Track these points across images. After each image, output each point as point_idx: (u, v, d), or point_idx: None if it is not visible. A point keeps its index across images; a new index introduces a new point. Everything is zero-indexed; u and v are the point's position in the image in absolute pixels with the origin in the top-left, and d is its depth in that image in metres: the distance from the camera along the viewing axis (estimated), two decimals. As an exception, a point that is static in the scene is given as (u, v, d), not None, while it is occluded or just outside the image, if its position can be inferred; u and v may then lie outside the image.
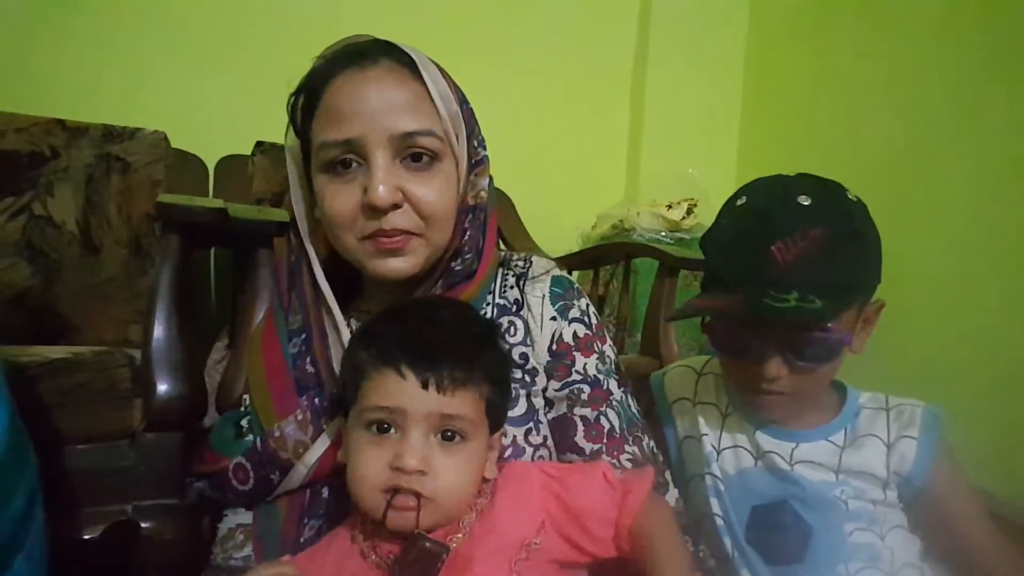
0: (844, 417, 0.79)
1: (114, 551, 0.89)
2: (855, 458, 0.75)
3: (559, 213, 2.20)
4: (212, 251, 1.68)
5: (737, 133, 2.48)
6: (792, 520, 0.73)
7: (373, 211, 0.66)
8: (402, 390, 0.58)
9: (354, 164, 0.68)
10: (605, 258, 1.77)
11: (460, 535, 0.60)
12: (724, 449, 0.80)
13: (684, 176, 2.31)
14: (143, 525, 0.88)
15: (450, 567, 0.58)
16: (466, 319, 0.66)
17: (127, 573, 0.90)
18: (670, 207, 2.14)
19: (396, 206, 0.67)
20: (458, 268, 0.72)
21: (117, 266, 1.44)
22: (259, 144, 1.64)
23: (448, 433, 0.60)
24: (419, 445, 0.58)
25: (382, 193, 0.65)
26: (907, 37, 1.84)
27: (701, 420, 0.83)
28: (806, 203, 0.70)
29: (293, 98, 0.73)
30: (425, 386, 0.58)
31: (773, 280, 0.68)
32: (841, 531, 0.73)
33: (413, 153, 0.68)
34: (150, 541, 0.88)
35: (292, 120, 0.73)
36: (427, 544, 0.57)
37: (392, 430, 0.59)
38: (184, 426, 0.90)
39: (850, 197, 0.74)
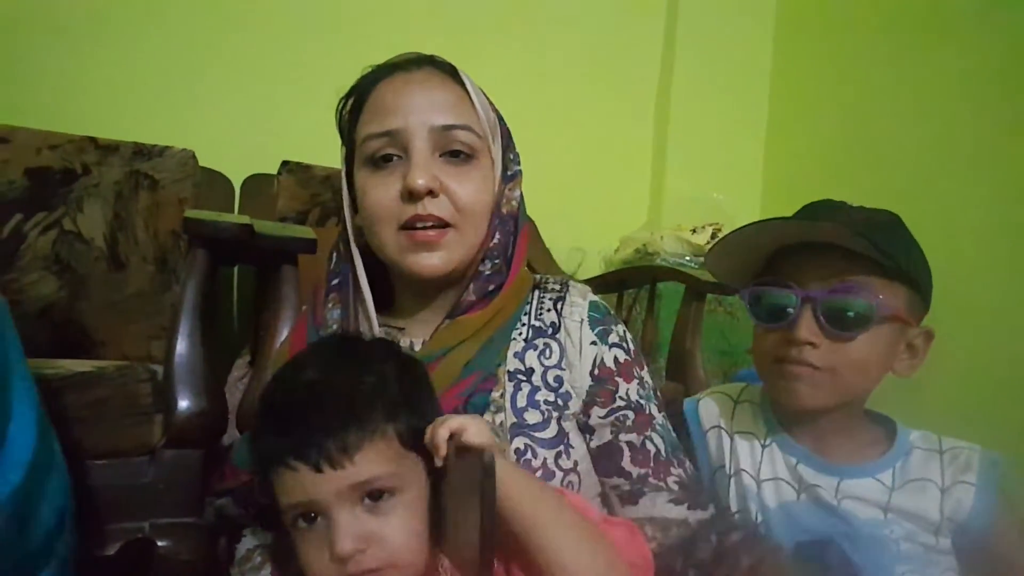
0: (894, 455, 0.75)
1: (130, 569, 0.87)
2: (906, 500, 0.72)
3: (582, 237, 2.18)
4: (235, 269, 1.69)
5: (763, 157, 2.46)
6: (839, 559, 0.70)
7: (411, 196, 0.68)
8: (301, 483, 0.54)
9: (395, 158, 0.70)
10: (629, 282, 1.75)
11: None
12: (764, 481, 0.77)
13: (709, 200, 2.29)
14: (160, 543, 0.86)
15: None
16: (347, 364, 0.60)
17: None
18: (694, 231, 2.12)
19: (432, 193, 0.68)
20: (487, 272, 0.73)
21: (142, 282, 1.45)
22: (285, 163, 1.66)
23: (374, 495, 0.55)
24: (348, 525, 0.54)
25: (419, 178, 0.67)
26: (935, 49, 1.81)
27: (739, 451, 0.80)
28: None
29: (341, 103, 0.76)
30: (319, 470, 0.53)
31: (829, 214, 0.74)
32: (891, 573, 0.70)
33: (452, 150, 0.71)
34: (166, 560, 0.86)
35: (339, 125, 0.76)
36: (466, 457, 0.52)
37: (317, 519, 0.55)
38: (204, 443, 0.89)
39: None
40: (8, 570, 0.65)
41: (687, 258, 2.05)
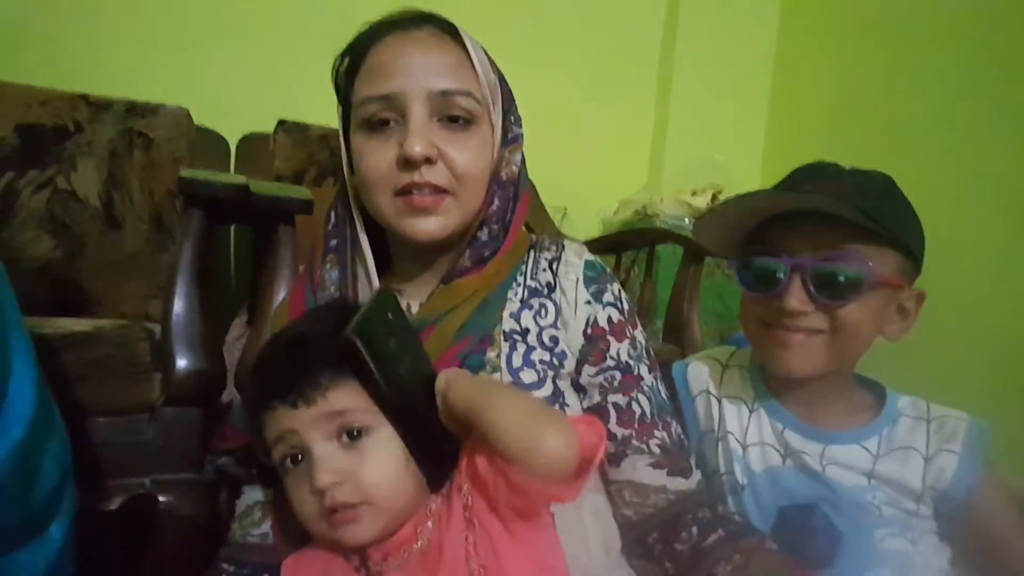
0: (881, 422, 0.76)
1: (132, 524, 0.89)
2: (890, 467, 0.73)
3: (580, 197, 2.17)
4: (232, 229, 1.68)
5: (765, 119, 2.43)
6: (822, 523, 0.71)
7: (407, 164, 0.67)
8: (280, 420, 0.59)
9: (392, 122, 0.69)
10: (628, 244, 1.75)
11: (418, 545, 0.59)
12: (750, 446, 0.78)
13: (710, 162, 2.27)
14: (161, 499, 0.88)
15: (426, 557, 0.57)
16: (319, 319, 0.65)
17: (145, 546, 0.90)
18: (694, 194, 2.11)
19: (430, 161, 0.67)
20: (484, 239, 0.73)
21: (139, 242, 1.45)
22: (281, 122, 1.64)
23: (350, 432, 0.58)
24: (325, 459, 0.57)
25: (416, 145, 0.66)
26: (944, 18, 1.78)
27: (727, 415, 0.81)
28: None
29: (337, 62, 0.74)
30: (295, 406, 0.58)
31: (818, 180, 0.73)
32: (872, 537, 0.71)
33: (451, 114, 0.69)
34: (168, 515, 0.88)
35: (335, 83, 0.74)
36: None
37: (300, 458, 0.59)
38: (203, 401, 0.90)
39: None
40: (15, 525, 0.66)
41: (686, 220, 2.04)
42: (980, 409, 0.76)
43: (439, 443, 0.61)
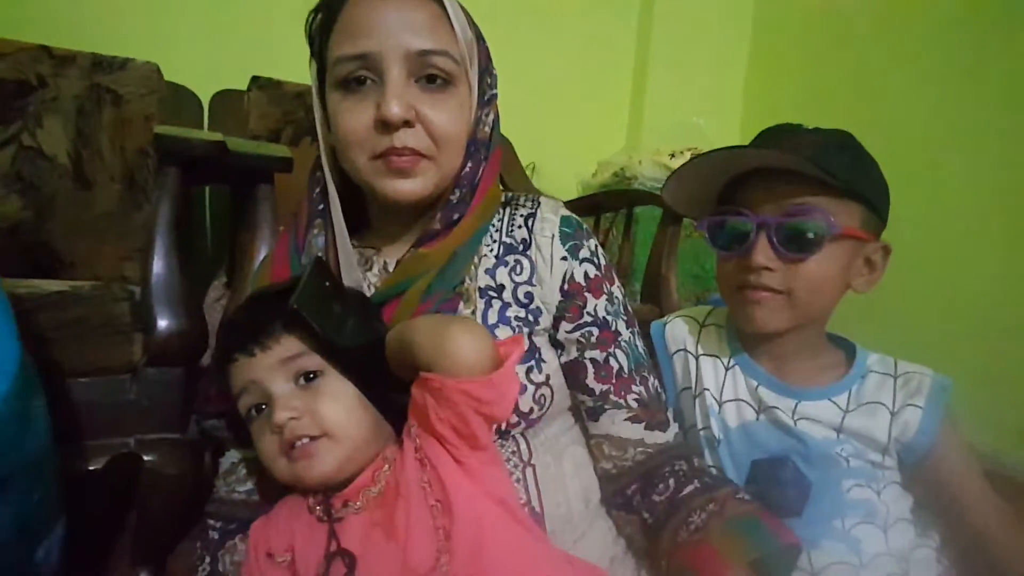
0: (850, 379, 0.79)
1: (118, 484, 0.90)
2: (858, 422, 0.76)
3: (558, 159, 2.16)
4: (207, 191, 1.65)
5: (743, 81, 2.43)
6: (793, 475, 0.74)
7: (385, 127, 0.66)
8: (242, 369, 0.63)
9: (368, 82, 0.67)
10: (606, 205, 1.75)
11: (375, 488, 0.61)
12: (726, 402, 0.81)
13: (688, 125, 2.27)
14: (145, 458, 0.88)
15: (383, 499, 0.60)
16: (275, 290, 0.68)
17: (131, 506, 0.91)
18: (673, 156, 2.11)
19: (408, 124, 0.66)
20: (455, 200, 0.72)
21: (111, 201, 1.41)
22: (255, 79, 1.59)
23: (308, 375, 0.62)
24: (283, 398, 0.61)
25: (394, 108, 0.64)
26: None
27: (703, 372, 0.83)
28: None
29: (311, 17, 0.72)
30: (253, 354, 0.62)
31: (779, 139, 0.75)
32: (840, 487, 0.74)
33: (428, 74, 0.68)
34: (153, 474, 0.89)
35: (309, 40, 0.72)
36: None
37: (264, 409, 0.63)
38: (185, 361, 0.90)
39: None
40: (8, 478, 0.66)
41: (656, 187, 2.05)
42: (941, 365, 0.79)
43: (389, 396, 0.65)
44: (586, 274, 0.74)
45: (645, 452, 0.72)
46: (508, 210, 0.77)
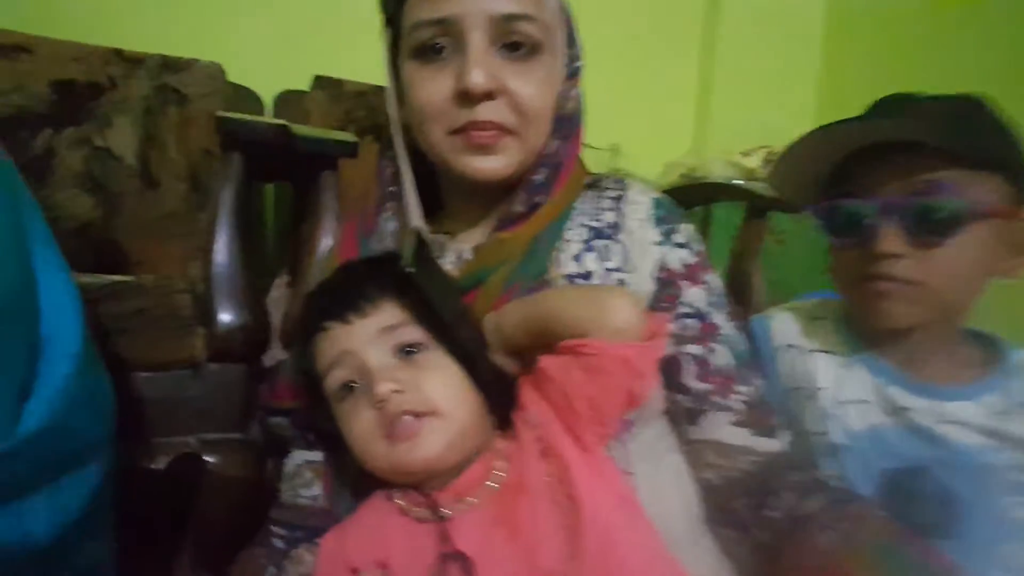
0: (999, 377, 0.68)
1: (180, 484, 0.86)
2: (1017, 427, 0.65)
3: (622, 161, 2.09)
4: (270, 190, 1.64)
5: (816, 77, 2.31)
6: (934, 487, 0.63)
7: (466, 99, 0.60)
8: (334, 339, 0.57)
9: (447, 50, 0.62)
10: (682, 202, 1.66)
11: (492, 482, 0.55)
12: (847, 403, 0.71)
13: (758, 123, 2.17)
14: (207, 459, 0.85)
15: (503, 496, 0.53)
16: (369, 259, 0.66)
17: (192, 508, 0.87)
18: (746, 155, 2.01)
19: (490, 96, 0.61)
20: (539, 181, 0.66)
21: (176, 201, 1.42)
22: (317, 79, 1.58)
23: (409, 348, 0.57)
24: (383, 370, 0.55)
25: (477, 78, 0.59)
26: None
27: (818, 370, 0.73)
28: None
29: None
30: (348, 321, 0.57)
31: (899, 109, 0.68)
32: (998, 505, 0.63)
33: (513, 41, 0.62)
34: (214, 476, 0.85)
35: (383, 7, 0.67)
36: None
37: (356, 385, 0.57)
38: (247, 358, 0.87)
39: None
40: (70, 459, 0.63)
41: (738, 181, 1.95)
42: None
43: (496, 380, 0.59)
44: (682, 260, 0.67)
45: (754, 461, 0.63)
46: (593, 192, 0.71)
